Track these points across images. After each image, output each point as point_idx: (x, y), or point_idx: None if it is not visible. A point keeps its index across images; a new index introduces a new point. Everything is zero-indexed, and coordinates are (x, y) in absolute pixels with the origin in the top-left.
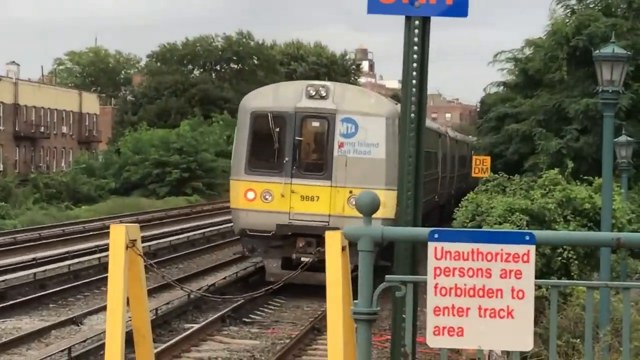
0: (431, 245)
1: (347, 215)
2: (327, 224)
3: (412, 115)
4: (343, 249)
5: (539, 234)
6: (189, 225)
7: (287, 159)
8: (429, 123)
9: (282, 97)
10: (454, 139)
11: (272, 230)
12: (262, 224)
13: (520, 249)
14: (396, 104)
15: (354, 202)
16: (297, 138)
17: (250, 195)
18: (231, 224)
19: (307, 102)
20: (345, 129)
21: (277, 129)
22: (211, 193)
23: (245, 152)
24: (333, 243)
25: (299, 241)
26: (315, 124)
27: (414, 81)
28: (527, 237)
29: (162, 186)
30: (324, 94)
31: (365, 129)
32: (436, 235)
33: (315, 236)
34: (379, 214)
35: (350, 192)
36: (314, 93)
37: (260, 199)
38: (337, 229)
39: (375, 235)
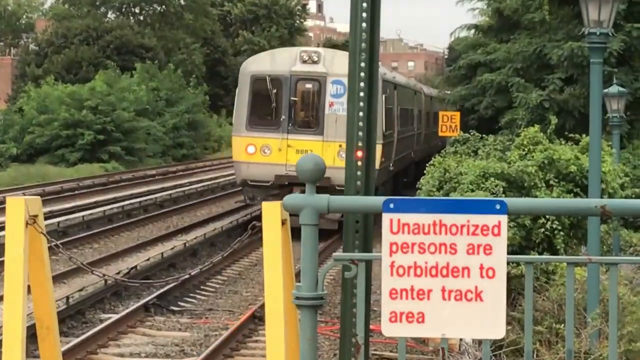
0: (386, 217)
1: (337, 166)
2: None
3: (362, 64)
4: (283, 222)
5: (512, 201)
6: (105, 197)
7: (283, 117)
8: (405, 81)
9: (279, 61)
10: (429, 95)
11: (271, 180)
12: (262, 175)
13: (490, 219)
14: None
15: (343, 155)
16: (292, 98)
17: (251, 149)
18: (156, 195)
19: (301, 66)
20: (335, 90)
21: (274, 91)
22: (131, 159)
23: (246, 111)
24: (271, 216)
25: (294, 190)
26: (308, 85)
27: (364, 24)
28: (498, 206)
29: (73, 151)
30: (316, 59)
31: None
32: (391, 205)
33: None
34: None
35: (340, 146)
36: (307, 58)
37: (260, 152)
38: (329, 179)
39: (320, 205)
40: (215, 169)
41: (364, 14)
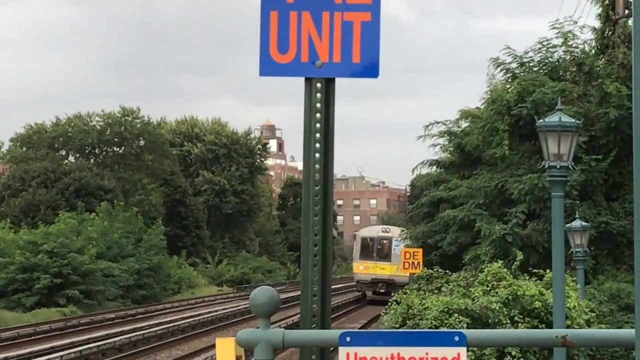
0: (342, 351)
1: (397, 274)
2: (389, 277)
3: (317, 197)
4: (238, 359)
5: (471, 333)
6: (63, 342)
7: (374, 254)
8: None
9: (373, 231)
10: None
11: (369, 280)
12: (365, 278)
13: (449, 352)
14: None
15: (399, 271)
16: (378, 247)
17: (361, 268)
18: (115, 339)
19: (382, 233)
20: (396, 243)
21: (370, 243)
22: (89, 302)
23: (358, 252)
24: (225, 353)
25: (379, 284)
26: (385, 241)
27: (317, 155)
28: (457, 338)
29: (29, 295)
30: (388, 231)
31: (402, 243)
32: (348, 339)
33: (384, 282)
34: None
35: (397, 266)
36: (384, 230)
37: (364, 269)
38: (393, 280)
39: (274, 340)
40: (176, 311)
41: (317, 145)
